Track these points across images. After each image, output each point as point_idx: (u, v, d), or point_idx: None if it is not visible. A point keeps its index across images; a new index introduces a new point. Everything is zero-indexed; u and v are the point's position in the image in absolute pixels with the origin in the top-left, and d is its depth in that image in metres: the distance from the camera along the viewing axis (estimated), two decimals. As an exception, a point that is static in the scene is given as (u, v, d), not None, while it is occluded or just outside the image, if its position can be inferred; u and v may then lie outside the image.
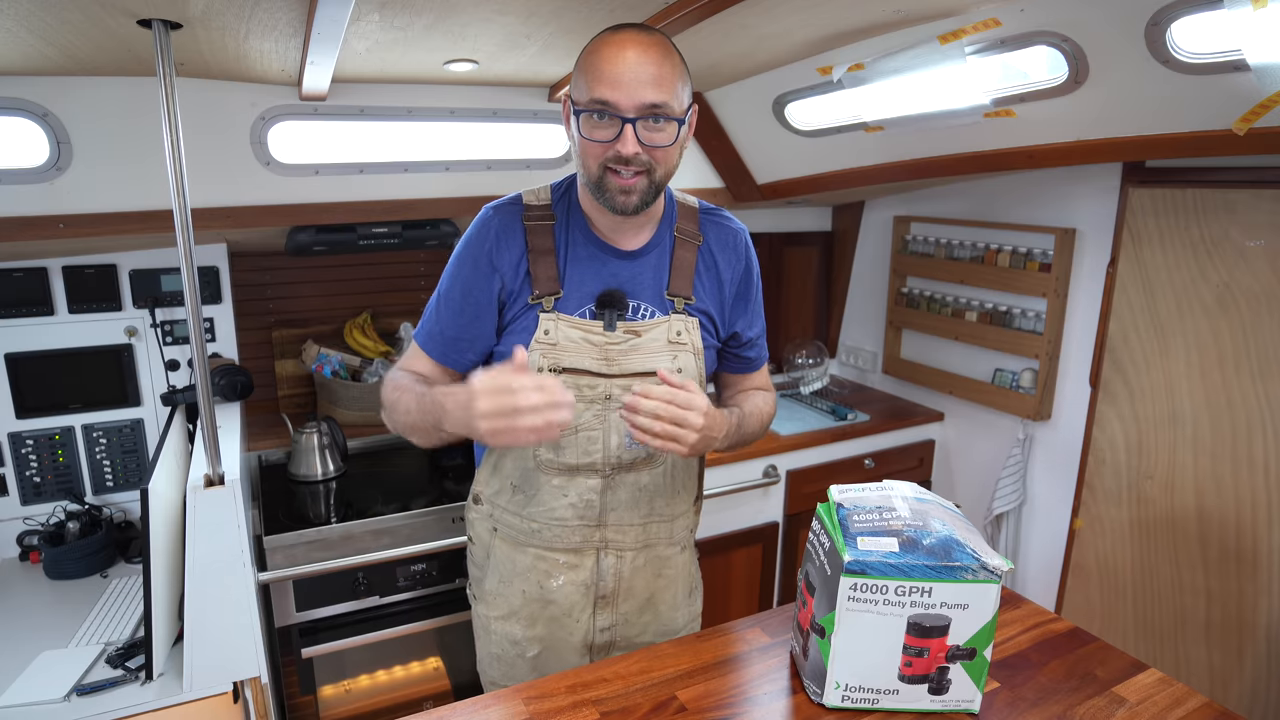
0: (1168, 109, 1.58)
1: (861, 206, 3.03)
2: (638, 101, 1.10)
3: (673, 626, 1.43)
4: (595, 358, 1.24)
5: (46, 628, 1.59)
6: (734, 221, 1.39)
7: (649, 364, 1.26)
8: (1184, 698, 1.07)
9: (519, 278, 1.24)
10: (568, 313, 1.24)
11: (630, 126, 1.11)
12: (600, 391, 1.25)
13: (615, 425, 1.26)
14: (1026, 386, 2.41)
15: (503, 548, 1.36)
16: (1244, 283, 1.86)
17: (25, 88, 1.59)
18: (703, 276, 1.32)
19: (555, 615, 1.35)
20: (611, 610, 1.37)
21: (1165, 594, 2.09)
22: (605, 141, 1.13)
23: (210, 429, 1.40)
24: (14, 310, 1.87)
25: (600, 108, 1.11)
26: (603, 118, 1.12)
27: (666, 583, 1.40)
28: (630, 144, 1.12)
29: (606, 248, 1.27)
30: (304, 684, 1.87)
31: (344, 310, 2.47)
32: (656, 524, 1.35)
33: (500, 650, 1.40)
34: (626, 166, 1.13)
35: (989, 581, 0.99)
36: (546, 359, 1.22)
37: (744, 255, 1.39)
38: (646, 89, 1.10)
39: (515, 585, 1.35)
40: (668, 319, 1.28)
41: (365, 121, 1.96)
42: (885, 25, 1.65)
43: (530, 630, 1.36)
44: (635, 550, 1.35)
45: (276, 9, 1.24)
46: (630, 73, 1.09)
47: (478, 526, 1.41)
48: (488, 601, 1.40)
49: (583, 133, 1.14)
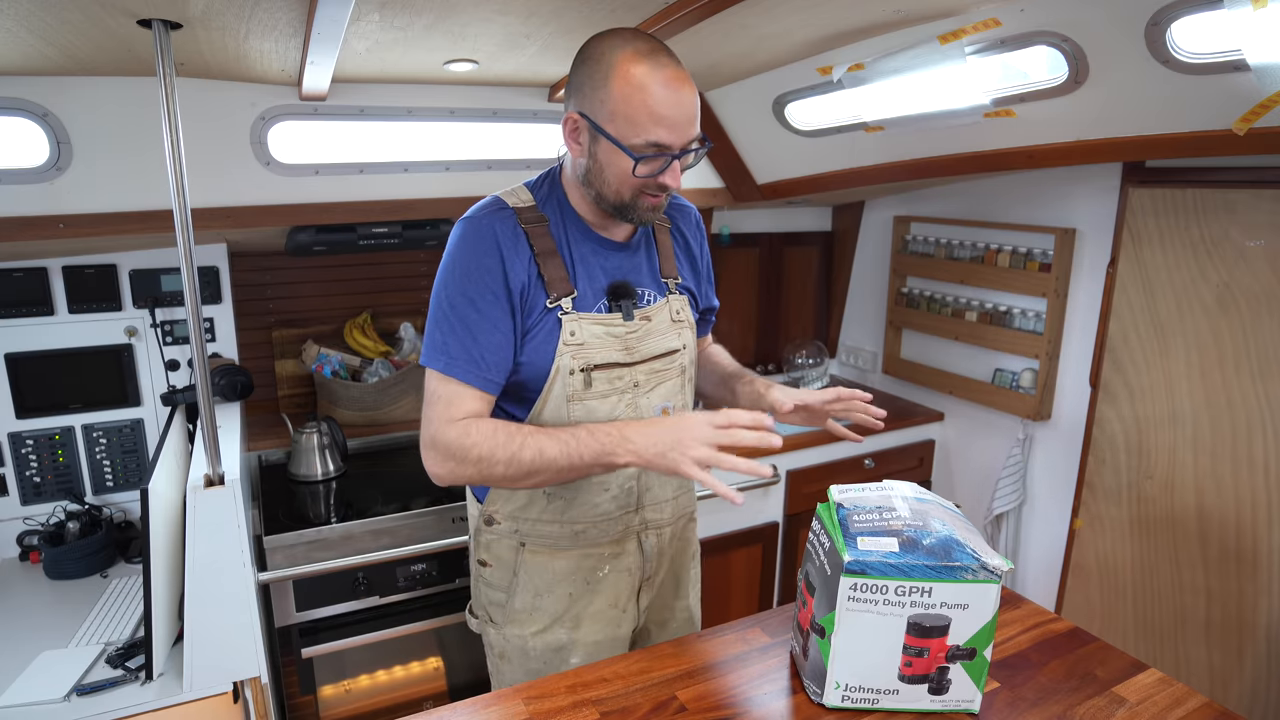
0: (1168, 109, 1.58)
1: (861, 206, 3.03)
2: (688, 138, 1.15)
3: (684, 589, 1.49)
4: (618, 349, 1.26)
5: (46, 628, 1.59)
6: (682, 200, 1.47)
7: (662, 345, 1.31)
8: (1184, 698, 1.07)
9: (531, 282, 1.21)
10: (585, 310, 1.25)
11: (677, 160, 1.15)
12: (628, 380, 1.27)
13: (645, 410, 1.29)
14: (1026, 386, 2.41)
15: (536, 559, 1.33)
16: (1244, 283, 1.86)
17: (25, 88, 1.59)
18: (680, 256, 1.40)
19: (601, 609, 1.35)
20: (649, 588, 1.41)
21: (1165, 594, 2.09)
22: (652, 176, 1.16)
23: (210, 429, 1.40)
24: (14, 310, 1.87)
25: (657, 150, 1.13)
26: (654, 157, 1.14)
27: (685, 546, 1.48)
28: (679, 177, 1.17)
29: (604, 241, 1.28)
30: (304, 684, 1.87)
31: (344, 310, 2.47)
32: (684, 495, 1.42)
33: (541, 666, 1.35)
34: (665, 191, 1.18)
35: (989, 581, 0.99)
36: (577, 360, 1.22)
37: (701, 228, 1.47)
38: (694, 125, 1.15)
39: (558, 590, 1.34)
40: (666, 300, 1.34)
41: (365, 121, 1.96)
42: (885, 25, 1.65)
43: (575, 633, 1.35)
44: (671, 524, 1.39)
45: (276, 9, 1.24)
46: (684, 115, 1.13)
47: (496, 549, 1.35)
48: (519, 621, 1.35)
49: (637, 173, 1.14)
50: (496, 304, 1.18)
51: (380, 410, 2.33)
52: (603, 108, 1.13)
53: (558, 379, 1.22)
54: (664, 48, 1.14)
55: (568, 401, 1.23)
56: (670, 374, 1.32)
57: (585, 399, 1.24)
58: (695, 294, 1.42)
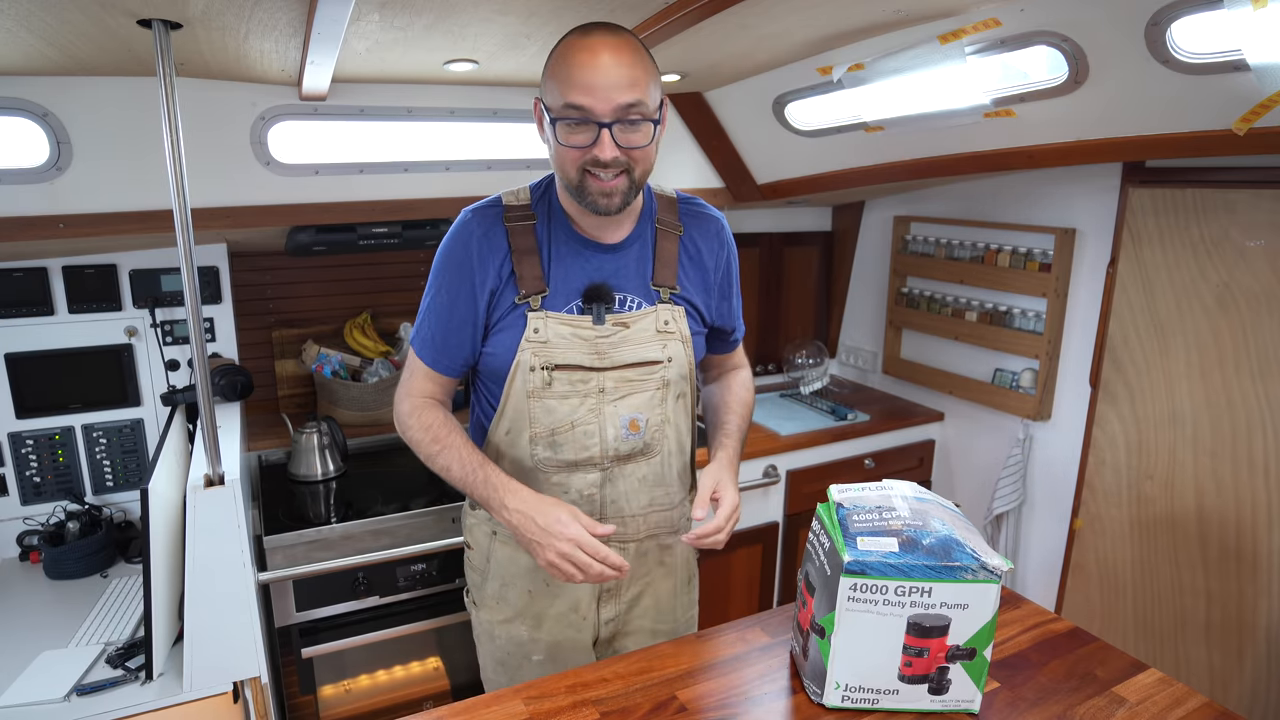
0: (1168, 109, 1.58)
1: (861, 206, 3.03)
2: (613, 105, 1.10)
3: (672, 615, 1.44)
4: (586, 352, 1.25)
5: (46, 628, 1.59)
6: (710, 209, 1.41)
7: (639, 355, 1.27)
8: (1184, 698, 1.07)
9: (503, 279, 1.24)
10: (555, 310, 1.25)
11: (607, 130, 1.11)
12: (594, 385, 1.26)
13: (610, 418, 1.27)
14: (1026, 386, 2.41)
15: (503, 550, 1.36)
16: (1244, 283, 1.86)
17: (25, 88, 1.59)
18: (686, 266, 1.34)
19: (561, 612, 1.35)
20: (615, 601, 1.38)
21: (1165, 594, 2.09)
22: (582, 147, 1.13)
23: (210, 429, 1.40)
24: (14, 310, 1.87)
25: (576, 114, 1.11)
26: (579, 123, 1.12)
27: (667, 571, 1.42)
28: (609, 148, 1.12)
29: (589, 243, 1.27)
30: (304, 684, 1.87)
31: (344, 310, 2.47)
32: (658, 514, 1.37)
33: (505, 655, 1.39)
34: (605, 169, 1.14)
35: (989, 581, 0.99)
36: (538, 357, 1.23)
37: (725, 241, 1.41)
38: (621, 91, 1.10)
39: (519, 586, 1.35)
40: (654, 309, 1.30)
41: (365, 121, 1.96)
42: (885, 25, 1.65)
43: (536, 632, 1.36)
44: (638, 541, 1.36)
45: (276, 9, 1.24)
46: (604, 76, 1.09)
47: (476, 532, 1.40)
48: (490, 607, 1.40)
49: (559, 139, 1.14)
50: (461, 297, 1.25)
51: (380, 410, 2.33)
52: (544, 86, 1.16)
53: (518, 374, 1.24)
54: (609, 25, 1.14)
55: (528, 398, 1.25)
56: (647, 385, 1.28)
57: (545, 397, 1.24)
58: (700, 307, 1.35)
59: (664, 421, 1.32)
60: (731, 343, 1.50)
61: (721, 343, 1.48)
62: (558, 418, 1.26)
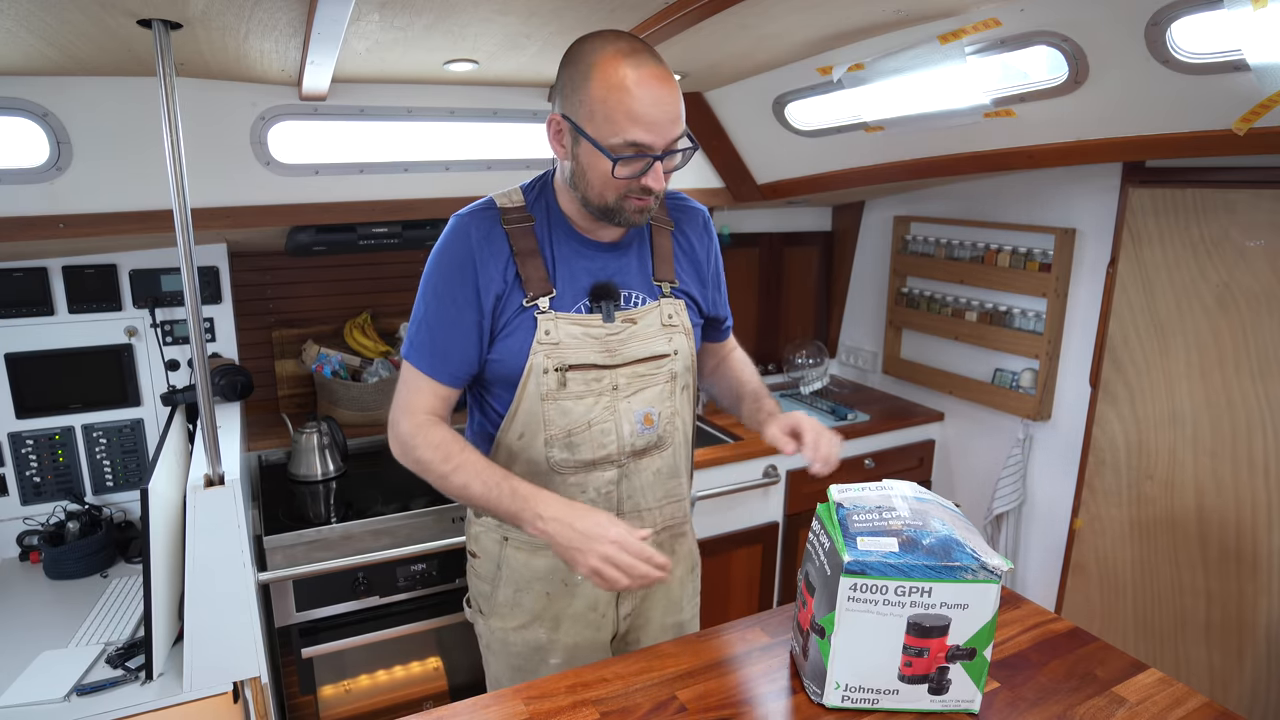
0: (1168, 109, 1.58)
1: (861, 206, 3.03)
2: (668, 139, 1.13)
3: (679, 606, 1.46)
4: (597, 350, 1.25)
5: (46, 628, 1.59)
6: (693, 202, 1.43)
7: (648, 349, 1.28)
8: (1184, 698, 1.07)
9: (509, 282, 1.22)
10: (563, 310, 1.24)
11: (659, 162, 1.13)
12: (607, 383, 1.26)
13: (625, 414, 1.27)
14: (1026, 386, 2.41)
15: (517, 555, 1.34)
16: (1244, 283, 1.86)
17: (25, 88, 1.59)
18: (681, 260, 1.36)
19: (580, 612, 1.35)
20: (632, 594, 1.38)
21: (1165, 594, 2.09)
22: (634, 177, 1.14)
23: (210, 429, 1.40)
24: (14, 310, 1.87)
25: (636, 150, 1.12)
26: (636, 158, 1.12)
27: (677, 560, 1.43)
28: (661, 179, 1.15)
29: (590, 242, 1.28)
30: (304, 684, 1.87)
31: (344, 310, 2.47)
32: (671, 505, 1.38)
33: (522, 661, 1.37)
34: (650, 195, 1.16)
35: (989, 581, 0.99)
36: (551, 359, 1.22)
37: (711, 233, 1.43)
38: (676, 125, 1.13)
39: (535, 589, 1.34)
40: (658, 304, 1.31)
41: (365, 121, 1.96)
42: (885, 25, 1.65)
43: (554, 634, 1.35)
44: (655, 534, 1.36)
45: (276, 9, 1.24)
46: (664, 112, 1.11)
47: (483, 540, 1.38)
48: (502, 614, 1.37)
49: (616, 174, 1.13)
50: (463, 303, 1.22)
51: (380, 410, 2.33)
52: (582, 108, 1.13)
53: (531, 377, 1.23)
54: (646, 47, 1.13)
55: (542, 400, 1.23)
56: (657, 379, 1.30)
57: (560, 399, 1.24)
58: (698, 299, 1.38)
59: (674, 414, 1.33)
60: (725, 330, 1.53)
61: (716, 331, 1.51)
62: (573, 418, 1.25)
